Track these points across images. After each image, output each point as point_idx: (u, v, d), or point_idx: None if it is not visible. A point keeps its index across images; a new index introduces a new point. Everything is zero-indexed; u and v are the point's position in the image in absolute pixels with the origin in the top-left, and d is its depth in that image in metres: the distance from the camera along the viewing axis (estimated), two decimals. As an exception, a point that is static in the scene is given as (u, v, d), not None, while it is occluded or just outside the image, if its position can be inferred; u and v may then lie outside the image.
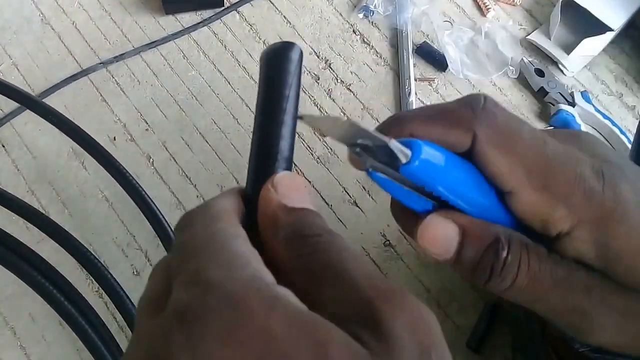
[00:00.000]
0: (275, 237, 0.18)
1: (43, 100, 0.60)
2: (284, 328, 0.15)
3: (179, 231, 0.19)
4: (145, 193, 0.54)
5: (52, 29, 0.64)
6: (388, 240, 0.55)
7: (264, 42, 0.64)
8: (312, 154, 0.58)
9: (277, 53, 0.20)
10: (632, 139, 0.58)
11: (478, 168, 0.21)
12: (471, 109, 0.21)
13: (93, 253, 0.52)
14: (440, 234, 0.20)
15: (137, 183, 0.54)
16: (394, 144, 0.19)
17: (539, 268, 0.20)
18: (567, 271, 0.20)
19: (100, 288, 0.52)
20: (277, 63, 0.20)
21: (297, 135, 0.59)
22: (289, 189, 0.19)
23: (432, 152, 0.20)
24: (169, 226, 0.53)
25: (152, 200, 0.54)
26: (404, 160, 0.19)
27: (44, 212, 0.55)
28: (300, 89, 0.21)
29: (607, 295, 0.20)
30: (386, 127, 0.22)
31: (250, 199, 0.19)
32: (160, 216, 0.53)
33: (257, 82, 0.20)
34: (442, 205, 0.21)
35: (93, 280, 0.52)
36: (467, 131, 0.21)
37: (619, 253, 0.20)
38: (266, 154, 0.19)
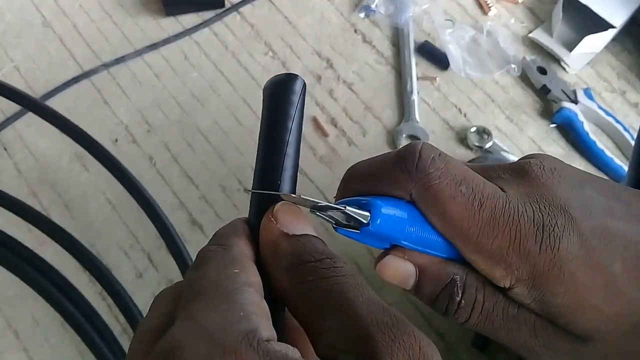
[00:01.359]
0: (277, 265, 0.18)
1: (45, 103, 0.60)
2: None
3: (195, 267, 0.19)
4: (149, 194, 0.54)
5: (53, 31, 0.65)
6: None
7: (264, 43, 0.64)
8: (314, 154, 0.58)
9: (280, 85, 0.21)
10: (635, 136, 0.58)
11: None
12: (406, 170, 0.21)
13: (95, 255, 0.52)
14: (398, 272, 0.21)
15: (140, 185, 0.54)
16: (350, 210, 0.19)
17: (492, 309, 0.21)
18: (517, 312, 0.21)
19: (103, 290, 0.52)
20: (280, 95, 0.20)
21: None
22: (288, 218, 0.19)
23: (391, 211, 0.20)
24: (173, 228, 0.53)
25: (155, 202, 0.54)
26: (364, 222, 0.19)
27: (46, 214, 0.55)
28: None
29: (552, 339, 0.21)
30: (340, 188, 0.23)
31: (254, 230, 0.19)
32: (164, 217, 0.53)
33: (260, 112, 0.20)
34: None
35: (96, 282, 0.52)
36: (405, 193, 0.21)
37: (558, 308, 0.20)
38: (268, 186, 0.19)
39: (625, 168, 0.56)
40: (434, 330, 0.51)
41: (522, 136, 0.59)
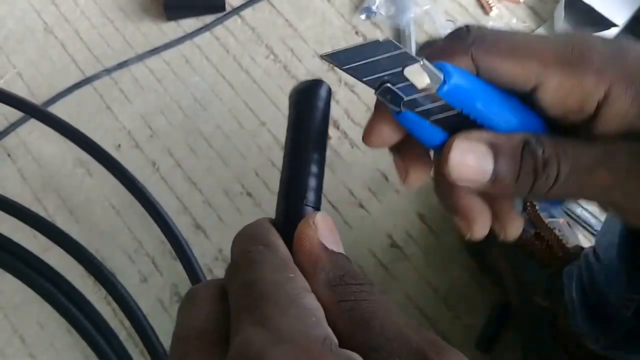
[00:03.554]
0: (314, 275, 0.18)
1: (47, 108, 0.61)
2: None
3: (244, 267, 0.18)
4: (154, 198, 0.54)
5: (55, 37, 0.65)
6: (395, 241, 0.55)
7: (266, 46, 0.64)
8: (317, 157, 0.58)
9: (306, 90, 0.21)
10: None
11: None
12: (460, 39, 0.20)
13: (100, 260, 0.52)
14: (472, 157, 0.19)
15: (145, 189, 0.54)
16: (427, 65, 0.19)
17: (578, 154, 0.19)
18: (605, 151, 0.19)
19: (107, 295, 0.52)
20: (306, 100, 0.21)
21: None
22: (327, 231, 0.19)
23: (460, 72, 0.19)
24: (178, 231, 0.53)
25: (160, 206, 0.54)
26: (440, 77, 0.19)
27: (50, 220, 0.55)
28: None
29: None
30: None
31: (281, 230, 0.19)
32: (169, 221, 0.53)
33: (287, 117, 0.21)
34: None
35: (101, 287, 0.52)
36: (464, 57, 0.20)
37: None
38: (296, 190, 0.19)
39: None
40: (438, 333, 0.51)
41: (525, 136, 0.59)
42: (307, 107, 0.20)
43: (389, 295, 0.52)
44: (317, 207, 0.20)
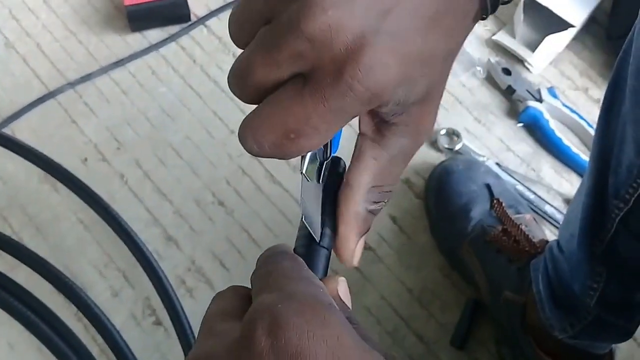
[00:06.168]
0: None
1: (10, 124, 0.59)
2: (353, 343, 0.18)
3: (266, 264, 0.21)
4: (119, 215, 0.53)
5: (17, 52, 0.64)
6: (367, 244, 0.55)
7: (233, 55, 0.64)
8: (287, 163, 0.58)
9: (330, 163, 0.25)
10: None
11: None
12: None
13: (69, 277, 0.51)
14: (357, 252, 0.25)
15: (110, 207, 0.53)
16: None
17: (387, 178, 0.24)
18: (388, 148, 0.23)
19: (78, 311, 0.51)
20: (330, 172, 0.24)
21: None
22: (345, 288, 0.23)
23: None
24: (145, 247, 0.53)
25: (126, 223, 0.53)
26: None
27: (16, 237, 0.54)
28: None
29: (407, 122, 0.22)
30: None
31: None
32: (136, 238, 0.53)
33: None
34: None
35: (71, 303, 0.51)
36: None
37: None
38: (316, 234, 0.24)
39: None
40: (413, 332, 0.51)
41: (490, 136, 0.60)
42: (331, 178, 0.24)
43: (362, 297, 0.53)
44: (329, 250, 0.24)
